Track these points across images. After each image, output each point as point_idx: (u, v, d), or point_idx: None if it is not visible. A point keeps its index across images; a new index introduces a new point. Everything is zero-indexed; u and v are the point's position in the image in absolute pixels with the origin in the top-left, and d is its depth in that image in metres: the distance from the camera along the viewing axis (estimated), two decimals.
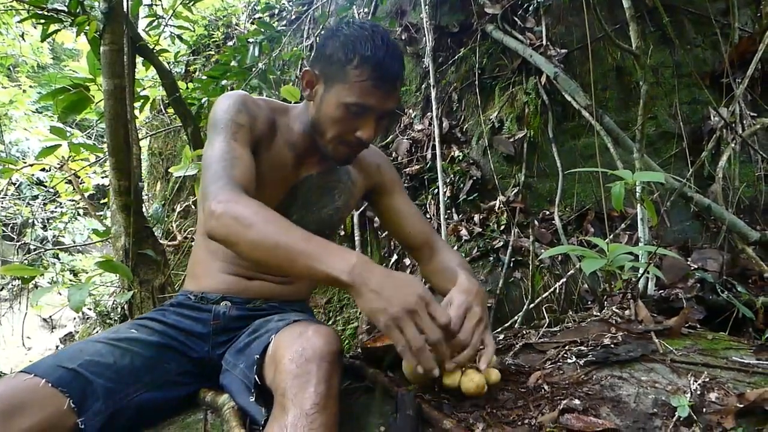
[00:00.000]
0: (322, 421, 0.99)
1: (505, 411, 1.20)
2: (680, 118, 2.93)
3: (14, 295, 6.90)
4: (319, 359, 1.05)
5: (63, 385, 1.11)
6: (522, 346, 1.63)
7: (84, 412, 1.12)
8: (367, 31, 1.28)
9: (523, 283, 2.92)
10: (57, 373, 1.12)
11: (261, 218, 1.10)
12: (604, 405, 1.17)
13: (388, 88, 1.29)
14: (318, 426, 0.98)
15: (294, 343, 1.09)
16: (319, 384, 1.01)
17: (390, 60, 1.27)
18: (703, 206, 2.51)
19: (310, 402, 0.99)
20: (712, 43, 3.04)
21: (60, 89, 2.91)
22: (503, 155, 3.33)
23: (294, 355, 1.06)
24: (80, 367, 1.16)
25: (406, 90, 4.11)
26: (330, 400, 1.02)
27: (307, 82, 1.38)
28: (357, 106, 1.28)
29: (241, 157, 1.28)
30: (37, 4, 2.83)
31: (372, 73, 1.25)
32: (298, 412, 0.98)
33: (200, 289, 1.50)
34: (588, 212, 2.98)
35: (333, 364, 1.06)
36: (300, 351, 1.06)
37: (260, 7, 5.56)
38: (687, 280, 2.30)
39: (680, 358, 1.35)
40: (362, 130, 1.32)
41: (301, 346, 1.07)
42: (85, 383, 1.14)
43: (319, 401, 1.00)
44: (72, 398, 1.10)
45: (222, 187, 1.17)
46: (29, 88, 7.60)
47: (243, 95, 1.41)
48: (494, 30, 3.53)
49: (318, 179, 1.54)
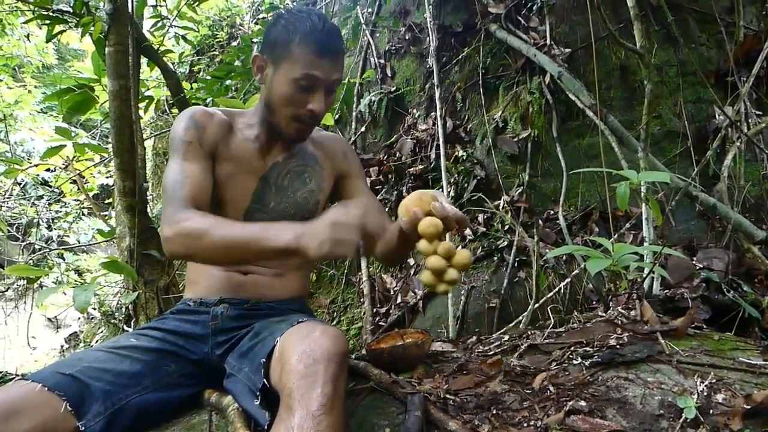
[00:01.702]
0: (330, 423, 0.99)
1: (511, 412, 1.20)
2: (685, 117, 2.92)
3: (19, 294, 6.93)
4: (326, 360, 1.05)
5: (60, 389, 1.12)
6: (527, 347, 1.62)
7: (83, 415, 1.13)
8: (305, 13, 1.39)
9: (528, 283, 2.92)
10: (54, 378, 1.14)
11: (210, 226, 1.21)
12: (610, 406, 1.17)
13: (331, 59, 1.38)
14: (325, 427, 0.97)
15: (301, 343, 1.09)
16: (326, 385, 1.01)
17: (328, 33, 1.38)
18: (709, 205, 2.50)
19: (317, 403, 0.99)
20: (717, 42, 3.03)
21: (65, 90, 2.93)
22: (507, 155, 3.32)
23: (301, 355, 1.06)
24: (78, 372, 1.18)
25: (410, 90, 4.11)
26: (337, 402, 1.02)
27: (258, 67, 1.47)
28: (305, 79, 1.36)
29: (192, 175, 1.39)
30: (43, 5, 2.84)
31: (314, 46, 1.35)
32: (305, 413, 0.98)
33: (198, 295, 1.53)
34: (592, 212, 2.98)
35: (340, 365, 1.07)
36: (308, 351, 1.07)
37: (264, 7, 5.56)
38: (692, 279, 2.29)
39: (686, 359, 1.35)
40: (312, 103, 1.39)
41: (309, 346, 1.08)
42: (82, 387, 1.16)
43: (326, 402, 1.00)
44: (69, 401, 1.11)
45: (173, 213, 1.29)
46: (34, 88, 7.63)
47: (191, 111, 1.49)
48: (498, 29, 3.52)
49: (285, 165, 1.58)
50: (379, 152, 4.10)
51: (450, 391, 1.34)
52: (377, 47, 4.43)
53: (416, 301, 3.25)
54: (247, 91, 3.75)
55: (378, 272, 3.79)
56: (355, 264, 3.97)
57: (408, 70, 4.19)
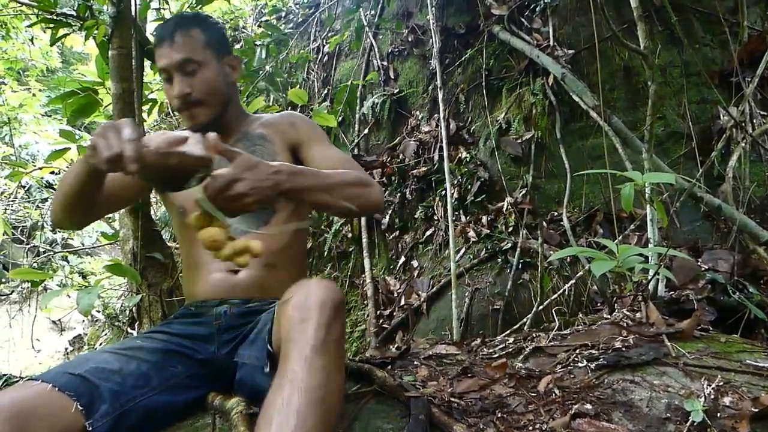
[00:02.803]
0: (322, 364, 0.98)
1: (516, 416, 1.19)
2: (689, 117, 2.91)
3: (24, 297, 6.94)
4: (321, 304, 1.05)
5: (70, 389, 1.12)
6: (532, 349, 1.62)
7: (91, 414, 1.12)
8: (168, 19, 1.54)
9: (532, 285, 2.91)
10: (63, 378, 1.14)
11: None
12: (616, 409, 1.16)
13: (168, 43, 1.47)
14: (317, 368, 0.98)
15: (297, 294, 1.10)
16: (319, 329, 1.02)
17: (164, 24, 1.51)
18: (714, 206, 2.49)
19: (309, 346, 1.00)
20: (721, 42, 3.02)
21: (69, 93, 2.93)
22: (511, 156, 3.31)
23: (296, 304, 1.07)
24: (87, 372, 1.18)
25: (413, 91, 4.11)
26: (331, 345, 1.02)
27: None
28: (162, 72, 1.49)
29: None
30: (47, 9, 2.85)
31: (155, 41, 1.50)
32: (297, 356, 0.99)
33: (199, 299, 1.53)
34: (597, 213, 2.97)
35: (335, 309, 1.07)
36: (302, 300, 1.07)
37: (267, 10, 5.57)
38: (698, 281, 2.28)
39: (693, 361, 1.34)
40: (174, 89, 1.48)
41: (303, 296, 1.08)
42: (91, 387, 1.15)
43: (318, 345, 1.00)
44: (79, 401, 1.11)
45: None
46: (39, 91, 7.65)
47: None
48: (501, 31, 3.51)
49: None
50: (383, 154, 4.10)
51: (454, 394, 1.33)
52: (380, 49, 4.43)
53: (420, 303, 3.24)
54: (250, 93, 3.76)
55: (382, 274, 3.78)
56: (358, 266, 3.97)
57: (411, 72, 4.19)
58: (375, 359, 1.70)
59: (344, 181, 1.27)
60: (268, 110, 3.54)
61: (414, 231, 3.73)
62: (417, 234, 3.69)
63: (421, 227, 3.68)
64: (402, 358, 1.72)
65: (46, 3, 2.82)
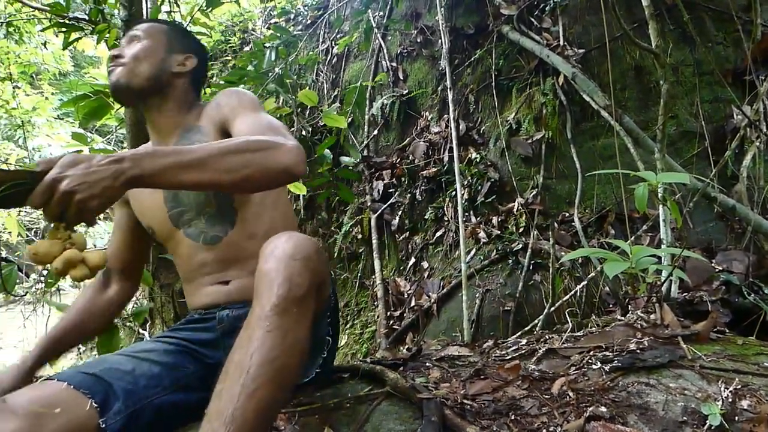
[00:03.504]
0: (279, 324, 0.94)
1: (530, 418, 1.18)
2: (702, 117, 2.88)
3: (37, 298, 7.01)
4: (287, 258, 1.00)
5: (85, 387, 1.13)
6: (545, 351, 1.61)
7: (105, 412, 1.14)
8: None
9: (543, 286, 2.89)
10: (78, 377, 1.15)
11: None
12: (632, 412, 1.15)
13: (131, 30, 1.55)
14: (274, 328, 0.94)
15: (265, 248, 1.06)
16: (283, 284, 0.97)
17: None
18: (728, 207, 2.46)
19: (270, 303, 0.96)
20: (734, 40, 2.99)
21: (81, 96, 2.95)
22: (521, 157, 3.30)
23: (267, 256, 1.03)
24: (100, 372, 1.20)
25: (422, 92, 4.10)
26: (293, 305, 0.97)
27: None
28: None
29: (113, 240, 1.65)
30: (59, 13, 2.87)
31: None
32: (258, 313, 0.96)
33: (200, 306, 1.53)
34: (608, 214, 2.95)
35: (303, 262, 1.00)
36: (270, 251, 1.03)
37: (276, 12, 5.58)
38: (712, 282, 2.25)
39: (710, 364, 1.32)
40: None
41: (273, 249, 1.04)
42: (106, 386, 1.17)
43: (278, 302, 0.95)
44: (94, 399, 1.12)
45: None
46: (51, 95, 7.72)
47: None
48: (510, 31, 3.50)
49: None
50: (392, 155, 4.10)
51: (467, 396, 1.33)
52: (389, 50, 4.43)
53: (430, 304, 3.23)
54: (260, 95, 3.76)
55: (392, 275, 3.78)
56: (368, 267, 3.97)
57: (420, 73, 4.18)
58: (386, 360, 1.69)
59: (228, 149, 1.09)
60: (278, 111, 3.55)
61: (424, 232, 3.73)
62: (427, 235, 3.69)
63: (431, 228, 3.67)
64: (414, 360, 1.72)
65: (58, 7, 2.85)
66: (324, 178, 3.98)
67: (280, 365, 0.93)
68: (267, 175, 1.11)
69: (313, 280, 1.02)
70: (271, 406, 0.94)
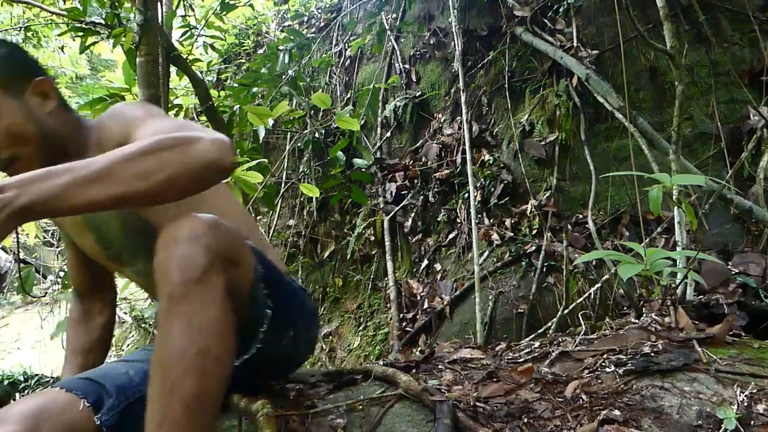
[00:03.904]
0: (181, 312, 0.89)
1: (543, 421, 1.18)
2: (718, 118, 2.86)
3: (54, 299, 7.11)
4: (173, 244, 0.92)
5: (78, 389, 1.16)
6: (558, 354, 1.60)
7: (99, 410, 1.16)
8: None
9: (557, 288, 2.88)
10: (73, 382, 1.19)
11: None
12: (646, 416, 1.14)
13: None
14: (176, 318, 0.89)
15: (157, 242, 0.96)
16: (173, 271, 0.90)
17: None
18: (744, 208, 2.43)
19: (166, 294, 0.90)
20: (751, 41, 2.96)
21: (97, 99, 2.99)
22: (534, 158, 3.29)
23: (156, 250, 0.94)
24: (95, 376, 1.23)
25: (435, 94, 4.10)
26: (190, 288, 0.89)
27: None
28: None
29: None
30: (76, 18, 2.92)
31: None
32: (161, 307, 0.91)
33: None
34: (623, 216, 2.93)
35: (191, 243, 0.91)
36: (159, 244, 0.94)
37: (290, 15, 5.62)
38: (728, 285, 2.23)
39: (725, 367, 1.31)
40: None
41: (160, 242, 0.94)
42: (98, 387, 1.20)
43: (173, 290, 0.89)
44: (87, 399, 1.15)
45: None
46: (68, 98, 7.83)
47: None
48: (524, 32, 3.49)
49: None
50: (405, 157, 4.10)
51: (480, 399, 1.33)
52: (402, 52, 4.44)
53: (443, 306, 3.23)
54: (274, 98, 3.79)
55: (405, 278, 3.78)
56: (381, 269, 3.97)
57: (433, 75, 4.18)
58: (399, 363, 1.70)
59: (136, 152, 0.92)
60: (292, 114, 3.57)
61: (437, 234, 3.73)
62: (440, 237, 3.69)
63: (444, 230, 3.67)
64: (426, 362, 1.72)
65: (76, 12, 2.90)
66: (337, 180, 4.00)
67: (194, 353, 0.87)
68: (190, 172, 0.95)
69: (211, 257, 0.91)
70: (200, 397, 0.87)
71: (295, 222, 4.76)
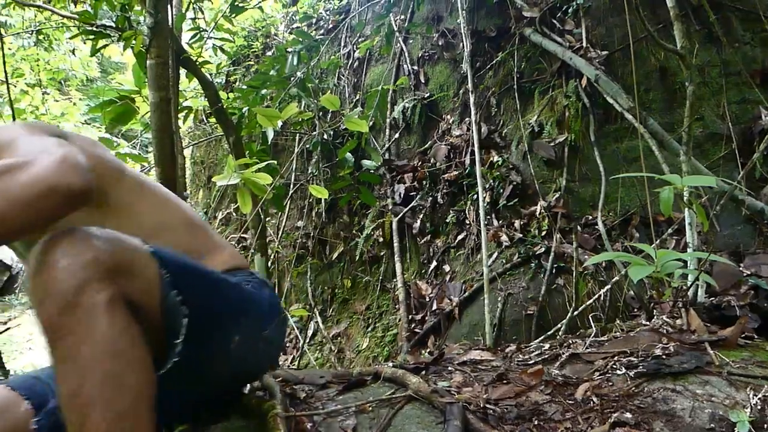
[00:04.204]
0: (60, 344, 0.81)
1: (553, 423, 1.18)
2: (729, 118, 2.83)
3: None
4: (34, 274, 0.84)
5: (23, 388, 1.14)
6: (569, 356, 1.59)
7: (39, 411, 1.12)
8: None
9: (566, 290, 2.86)
10: (20, 379, 1.18)
11: None
12: (657, 419, 1.14)
13: None
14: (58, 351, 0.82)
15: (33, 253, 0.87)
16: (40, 303, 0.83)
17: None
18: (756, 209, 2.41)
19: (42, 329, 0.82)
20: (762, 40, 2.94)
21: (107, 101, 3.02)
22: (544, 160, 3.28)
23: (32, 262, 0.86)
24: (44, 375, 1.20)
25: (444, 95, 4.10)
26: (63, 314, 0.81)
27: None
28: None
29: None
30: (87, 21, 2.94)
31: None
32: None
33: None
34: (633, 217, 2.91)
35: (52, 268, 0.82)
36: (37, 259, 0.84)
37: (298, 17, 5.64)
38: (739, 286, 2.21)
39: (738, 370, 1.30)
40: None
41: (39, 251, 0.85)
42: (45, 387, 1.17)
43: (45, 323, 0.82)
44: (30, 399, 1.13)
45: None
46: (79, 100, 7.91)
47: None
48: (532, 33, 3.48)
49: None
50: (414, 158, 4.10)
51: (490, 401, 1.32)
52: (410, 54, 4.44)
53: (452, 308, 3.22)
54: (282, 99, 3.80)
55: (413, 279, 3.78)
56: (390, 270, 3.97)
57: (442, 76, 4.18)
58: (408, 364, 1.70)
59: None
60: (300, 116, 3.58)
61: (446, 235, 3.72)
62: (449, 238, 3.68)
63: (453, 231, 3.66)
64: (436, 364, 1.72)
65: (86, 15, 2.93)
66: (346, 182, 4.01)
67: (93, 382, 0.81)
68: (23, 203, 0.82)
69: (83, 275, 0.82)
70: (114, 424, 0.81)
71: (304, 223, 4.77)
